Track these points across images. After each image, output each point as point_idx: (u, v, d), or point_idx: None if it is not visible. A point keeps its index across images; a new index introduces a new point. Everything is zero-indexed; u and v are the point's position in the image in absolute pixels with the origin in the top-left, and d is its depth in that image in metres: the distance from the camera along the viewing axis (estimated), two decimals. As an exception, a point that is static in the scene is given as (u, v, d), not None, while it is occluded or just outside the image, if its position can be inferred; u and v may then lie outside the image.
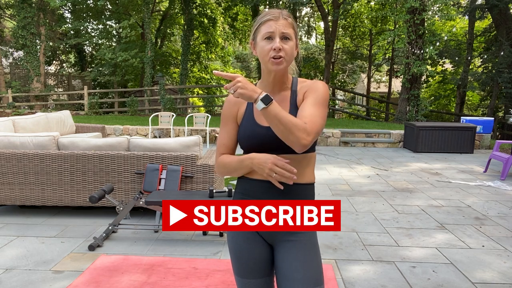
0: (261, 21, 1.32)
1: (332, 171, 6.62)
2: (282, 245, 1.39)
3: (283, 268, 1.36)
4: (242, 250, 1.41)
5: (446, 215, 4.30)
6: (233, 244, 1.43)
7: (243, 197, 1.41)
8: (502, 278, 2.84)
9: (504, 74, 12.90)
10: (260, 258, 1.41)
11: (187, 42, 17.66)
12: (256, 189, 1.37)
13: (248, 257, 1.40)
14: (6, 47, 20.54)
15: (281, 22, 1.30)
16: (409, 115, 12.22)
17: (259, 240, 1.42)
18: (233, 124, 1.43)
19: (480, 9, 14.62)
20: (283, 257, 1.37)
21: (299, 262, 1.33)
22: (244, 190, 1.41)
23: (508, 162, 6.07)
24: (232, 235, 1.44)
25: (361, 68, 27.68)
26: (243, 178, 1.41)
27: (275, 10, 1.33)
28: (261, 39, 1.31)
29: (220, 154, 1.44)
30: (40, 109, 15.23)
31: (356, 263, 3.05)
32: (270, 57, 1.29)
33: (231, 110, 1.42)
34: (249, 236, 1.41)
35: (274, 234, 1.39)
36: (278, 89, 1.39)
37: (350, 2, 14.91)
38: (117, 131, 9.97)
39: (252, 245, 1.40)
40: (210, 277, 2.75)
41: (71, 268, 2.91)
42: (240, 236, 1.41)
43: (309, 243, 1.38)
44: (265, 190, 1.36)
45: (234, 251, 1.43)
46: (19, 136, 4.12)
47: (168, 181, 3.80)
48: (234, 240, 1.43)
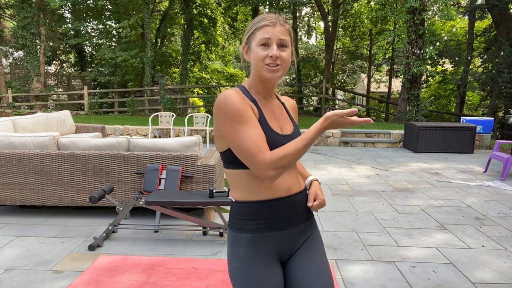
0: (256, 26, 1.25)
1: (332, 171, 6.62)
2: (297, 253, 1.34)
3: (300, 277, 1.30)
4: (263, 282, 1.25)
5: (446, 215, 4.30)
6: (251, 278, 1.25)
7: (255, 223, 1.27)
8: (502, 278, 2.84)
9: (504, 74, 12.89)
10: (280, 285, 1.29)
11: (187, 42, 17.66)
12: (270, 209, 1.27)
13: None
14: (6, 47, 20.54)
15: (278, 28, 1.23)
16: (409, 115, 12.21)
17: (277, 264, 1.31)
18: (256, 118, 1.23)
19: (480, 9, 14.62)
20: (299, 266, 1.32)
21: (315, 268, 1.31)
22: (255, 216, 1.27)
23: (508, 162, 6.07)
24: (249, 268, 1.26)
25: (361, 68, 27.69)
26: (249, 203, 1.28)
27: (272, 15, 1.26)
28: (256, 45, 1.24)
29: (267, 153, 1.16)
30: (40, 109, 15.23)
31: (356, 263, 3.05)
32: (265, 64, 1.23)
33: (246, 106, 1.21)
34: (269, 262, 1.28)
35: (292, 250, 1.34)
36: (269, 97, 1.34)
37: (350, 2, 14.92)
38: (117, 131, 9.97)
39: (271, 273, 1.28)
40: (210, 277, 2.76)
41: (71, 268, 2.91)
42: (261, 266, 1.26)
43: (320, 244, 1.39)
44: (279, 207, 1.28)
45: (252, 286, 1.25)
46: (19, 136, 4.12)
47: (168, 181, 3.80)
48: (253, 273, 1.26)
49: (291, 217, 1.31)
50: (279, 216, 1.29)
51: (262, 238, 1.28)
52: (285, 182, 1.29)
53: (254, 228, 1.27)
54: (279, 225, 1.29)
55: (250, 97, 1.30)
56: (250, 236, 1.28)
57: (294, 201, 1.32)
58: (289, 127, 1.35)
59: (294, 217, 1.32)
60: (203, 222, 3.48)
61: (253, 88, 1.32)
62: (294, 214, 1.32)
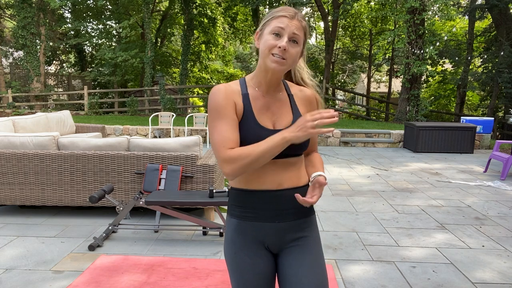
0: (274, 15, 1.24)
1: (332, 171, 6.62)
2: (288, 251, 1.33)
3: (290, 274, 1.31)
4: (246, 267, 1.31)
5: (446, 215, 4.30)
6: (235, 262, 1.32)
7: (243, 210, 1.32)
8: (502, 278, 2.84)
9: (504, 74, 12.89)
10: (265, 274, 1.33)
11: (187, 42, 17.67)
12: (259, 200, 1.29)
13: (253, 274, 1.31)
14: (6, 47, 20.54)
15: (295, 22, 1.22)
16: (409, 115, 12.22)
17: (264, 253, 1.34)
18: (234, 116, 1.25)
19: (480, 9, 14.62)
20: (290, 263, 1.32)
21: (307, 267, 1.29)
22: (244, 203, 1.31)
23: (508, 162, 6.07)
24: (234, 252, 1.32)
25: (361, 68, 27.69)
26: (241, 191, 1.32)
27: (291, 9, 1.24)
28: (268, 33, 1.22)
29: (228, 149, 1.20)
30: (40, 109, 15.23)
31: (356, 263, 3.05)
32: (272, 53, 1.20)
33: (228, 100, 1.25)
34: (254, 250, 1.32)
35: (282, 244, 1.34)
36: (273, 90, 1.32)
37: (350, 2, 14.91)
38: (117, 131, 9.97)
39: (256, 260, 1.32)
40: (210, 277, 2.75)
41: (71, 268, 2.91)
42: (244, 252, 1.31)
43: (316, 246, 1.34)
44: (269, 199, 1.29)
45: (237, 269, 1.32)
46: (19, 136, 4.12)
47: (168, 181, 3.80)
48: (237, 257, 1.32)
49: (280, 211, 1.30)
50: (266, 208, 1.29)
51: (248, 226, 1.31)
52: (276, 176, 1.28)
53: (241, 215, 1.32)
54: (266, 217, 1.30)
55: (244, 90, 1.30)
56: (237, 222, 1.33)
57: (284, 196, 1.29)
58: (285, 121, 1.30)
59: (284, 211, 1.30)
60: (203, 222, 3.48)
61: (255, 79, 1.31)
62: (284, 208, 1.30)
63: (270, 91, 1.31)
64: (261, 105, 1.30)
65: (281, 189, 1.29)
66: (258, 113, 1.28)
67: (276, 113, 1.31)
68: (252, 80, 1.32)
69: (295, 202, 1.30)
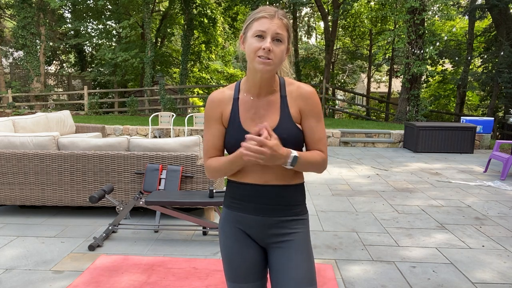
0: (255, 16, 1.24)
1: (332, 171, 6.62)
2: (276, 247, 1.37)
3: (277, 270, 1.35)
4: (234, 254, 1.38)
5: (446, 215, 4.30)
6: (225, 248, 1.40)
7: (232, 201, 1.39)
8: (502, 278, 2.84)
9: (504, 74, 12.89)
10: (253, 262, 1.38)
11: (187, 42, 17.66)
12: (245, 192, 1.34)
13: (241, 261, 1.37)
14: (6, 47, 20.54)
15: (276, 22, 1.22)
16: (409, 115, 12.22)
17: (251, 243, 1.39)
18: (218, 126, 1.35)
19: (480, 9, 14.62)
20: (277, 260, 1.35)
21: (293, 263, 1.32)
22: (233, 194, 1.38)
23: (508, 162, 6.07)
24: (223, 239, 1.41)
25: (361, 68, 27.67)
26: (232, 182, 1.38)
27: (271, 8, 1.25)
28: (251, 36, 1.23)
29: (208, 158, 1.36)
30: (40, 109, 15.23)
31: (356, 263, 3.05)
32: (258, 55, 1.22)
33: (214, 111, 1.35)
34: (241, 239, 1.38)
35: (266, 238, 1.37)
36: (265, 92, 1.32)
37: (350, 2, 14.91)
38: (117, 131, 9.97)
39: (244, 248, 1.38)
40: (210, 277, 2.75)
41: (71, 268, 2.91)
42: (232, 239, 1.38)
43: (303, 243, 1.36)
44: (253, 193, 1.33)
45: (226, 256, 1.40)
46: (19, 136, 4.12)
47: (168, 181, 3.80)
48: (226, 244, 1.40)
49: (264, 205, 1.33)
50: (251, 201, 1.34)
51: (234, 216, 1.38)
52: (264, 173, 1.31)
53: (230, 205, 1.40)
54: (249, 209, 1.35)
55: (236, 95, 1.35)
56: (226, 211, 1.42)
57: (269, 191, 1.32)
58: (271, 123, 1.31)
59: (269, 206, 1.33)
60: (203, 222, 3.48)
61: (247, 82, 1.34)
62: (268, 204, 1.33)
63: (262, 92, 1.33)
64: (248, 108, 1.33)
65: (265, 185, 1.32)
66: (245, 117, 1.32)
67: (263, 116, 1.32)
68: (245, 84, 1.35)
69: (281, 200, 1.34)
